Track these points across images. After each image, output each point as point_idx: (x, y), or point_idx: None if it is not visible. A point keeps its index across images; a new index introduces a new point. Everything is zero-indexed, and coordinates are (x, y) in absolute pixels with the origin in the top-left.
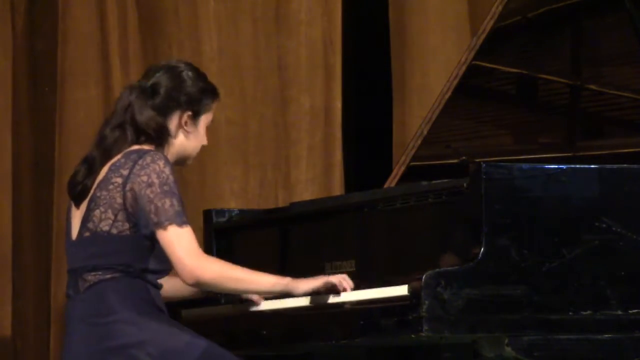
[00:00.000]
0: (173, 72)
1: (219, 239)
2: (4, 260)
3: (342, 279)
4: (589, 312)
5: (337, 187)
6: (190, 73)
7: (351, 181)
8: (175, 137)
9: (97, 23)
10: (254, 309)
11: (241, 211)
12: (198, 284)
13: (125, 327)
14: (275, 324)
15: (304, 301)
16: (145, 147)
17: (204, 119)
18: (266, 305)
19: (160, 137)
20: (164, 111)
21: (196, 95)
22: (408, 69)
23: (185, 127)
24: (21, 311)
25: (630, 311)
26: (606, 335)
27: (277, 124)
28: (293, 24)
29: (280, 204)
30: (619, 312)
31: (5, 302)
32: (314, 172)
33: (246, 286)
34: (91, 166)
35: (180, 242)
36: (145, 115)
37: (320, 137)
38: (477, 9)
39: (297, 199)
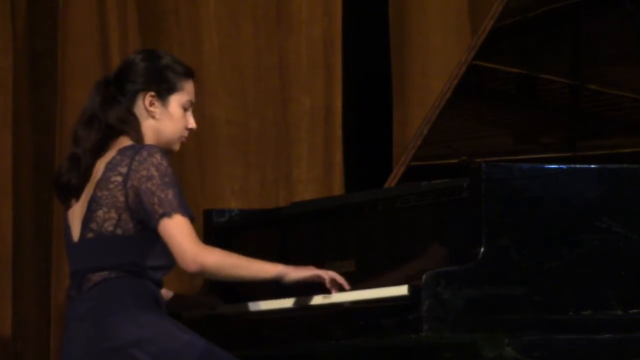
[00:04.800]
0: (132, 59)
1: (219, 239)
2: (4, 260)
3: (333, 278)
4: (589, 312)
5: (337, 187)
6: (146, 55)
7: (351, 181)
8: (145, 120)
9: (97, 23)
10: (253, 309)
11: (241, 211)
12: (201, 270)
13: (125, 326)
14: (274, 324)
15: (304, 301)
16: (126, 139)
17: (176, 99)
18: (266, 305)
19: (129, 125)
20: (128, 97)
21: (155, 74)
22: (408, 69)
23: (151, 109)
24: (21, 311)
25: (630, 311)
26: (606, 335)
27: (277, 123)
28: (293, 23)
29: (281, 204)
30: (619, 312)
31: (5, 302)
32: (314, 172)
33: (244, 272)
34: (74, 164)
35: (183, 230)
36: (111, 108)
37: (320, 137)
38: (477, 9)
39: (297, 198)
